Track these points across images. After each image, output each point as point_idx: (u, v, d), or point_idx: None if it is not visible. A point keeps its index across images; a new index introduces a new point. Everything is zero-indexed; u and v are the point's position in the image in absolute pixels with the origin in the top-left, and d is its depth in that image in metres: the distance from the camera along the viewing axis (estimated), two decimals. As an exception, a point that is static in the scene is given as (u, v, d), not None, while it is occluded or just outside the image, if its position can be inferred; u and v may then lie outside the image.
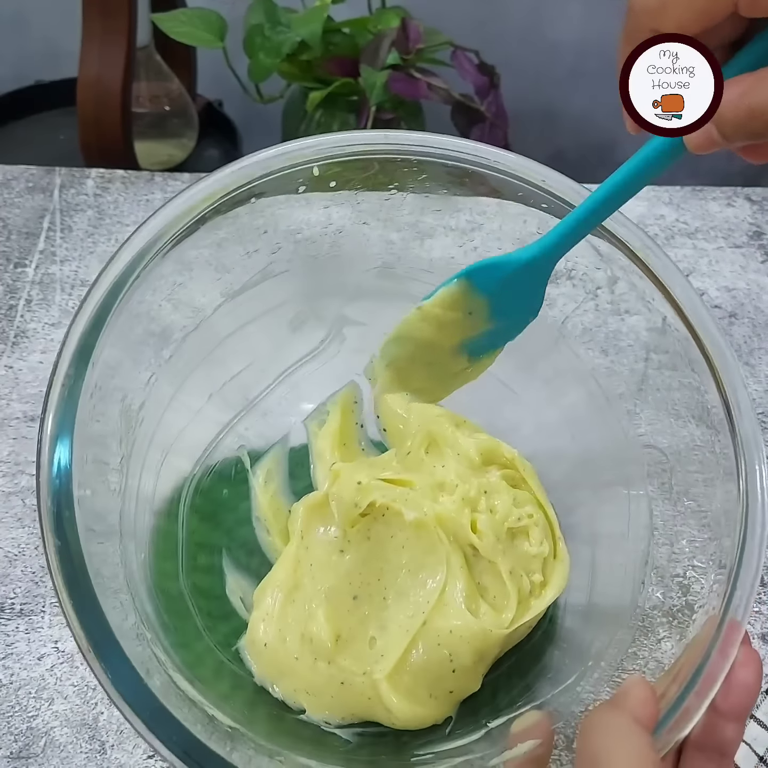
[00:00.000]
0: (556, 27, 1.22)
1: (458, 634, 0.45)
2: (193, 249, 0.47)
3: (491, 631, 0.46)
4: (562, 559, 0.50)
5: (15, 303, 0.68)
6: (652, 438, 0.50)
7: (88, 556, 0.37)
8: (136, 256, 0.44)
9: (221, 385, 0.54)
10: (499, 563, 0.47)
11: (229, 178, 0.46)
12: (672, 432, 0.49)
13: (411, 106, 0.96)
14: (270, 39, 0.90)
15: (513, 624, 0.47)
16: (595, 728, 0.35)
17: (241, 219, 0.49)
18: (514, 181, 0.49)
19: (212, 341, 0.52)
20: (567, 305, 0.54)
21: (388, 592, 0.47)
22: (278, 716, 0.47)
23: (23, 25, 1.19)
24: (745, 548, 0.39)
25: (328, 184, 0.49)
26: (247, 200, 0.47)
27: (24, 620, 0.52)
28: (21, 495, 0.58)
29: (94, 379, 0.40)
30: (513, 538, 0.49)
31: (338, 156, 0.48)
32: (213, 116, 1.10)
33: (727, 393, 0.44)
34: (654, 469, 0.49)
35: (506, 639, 0.47)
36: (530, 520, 0.49)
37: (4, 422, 0.61)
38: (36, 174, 0.77)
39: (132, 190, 0.77)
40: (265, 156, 0.47)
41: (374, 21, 0.93)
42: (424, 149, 0.49)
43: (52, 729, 0.49)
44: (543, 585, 0.49)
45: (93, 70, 0.83)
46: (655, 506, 0.48)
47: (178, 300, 0.51)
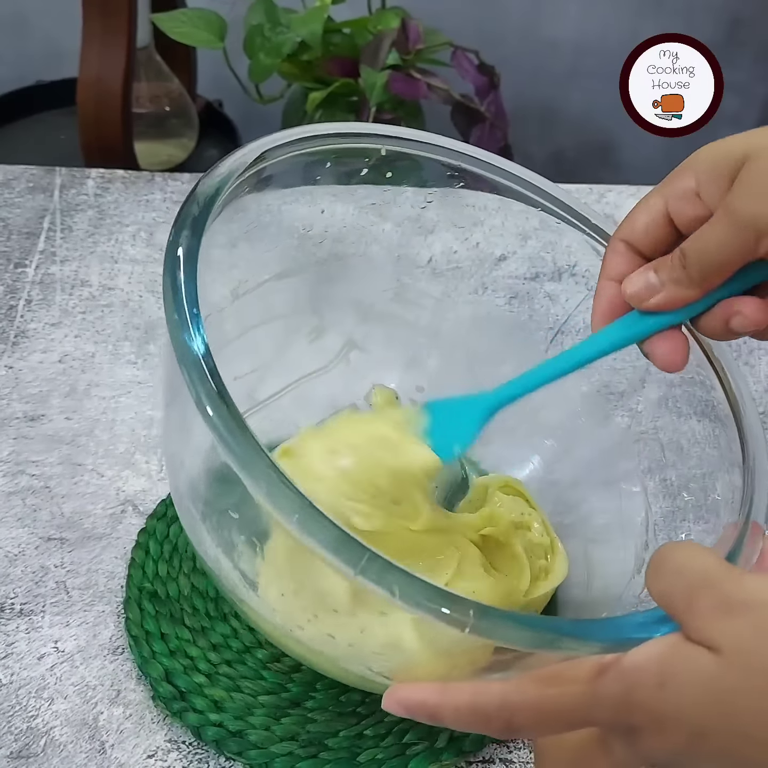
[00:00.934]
0: (555, 27, 1.22)
1: (481, 595, 0.46)
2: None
3: (511, 595, 0.48)
4: (560, 552, 0.53)
5: (15, 303, 0.68)
6: (654, 434, 0.50)
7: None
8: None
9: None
10: (515, 543, 0.50)
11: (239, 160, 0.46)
12: (674, 428, 0.49)
13: (411, 107, 0.96)
14: (270, 39, 0.90)
15: (528, 594, 0.49)
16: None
17: (250, 214, 0.49)
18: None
19: (220, 340, 0.53)
20: (569, 301, 0.54)
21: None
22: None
23: (24, 25, 1.19)
24: (747, 526, 0.40)
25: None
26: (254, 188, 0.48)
27: (24, 620, 0.53)
28: (21, 495, 0.58)
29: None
30: (517, 529, 0.52)
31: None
32: (213, 116, 1.10)
33: (732, 388, 0.45)
34: (655, 465, 0.50)
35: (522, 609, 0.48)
36: (530, 516, 0.53)
37: (4, 422, 0.61)
38: (36, 174, 0.77)
39: (132, 190, 0.77)
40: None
41: (374, 21, 0.93)
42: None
43: (53, 728, 0.49)
44: (547, 570, 0.52)
45: (93, 71, 0.83)
46: (655, 502, 0.49)
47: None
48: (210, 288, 0.51)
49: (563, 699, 0.34)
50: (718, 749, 0.32)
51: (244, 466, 0.35)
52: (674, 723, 0.32)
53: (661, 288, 0.40)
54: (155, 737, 0.49)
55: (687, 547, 0.35)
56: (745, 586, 0.32)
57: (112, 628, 0.52)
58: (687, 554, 0.34)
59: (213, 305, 0.51)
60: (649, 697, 0.33)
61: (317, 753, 0.48)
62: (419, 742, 0.49)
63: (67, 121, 0.96)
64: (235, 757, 0.48)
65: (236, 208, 0.47)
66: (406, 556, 0.47)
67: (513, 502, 0.53)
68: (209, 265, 0.49)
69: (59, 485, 0.58)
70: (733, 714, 0.31)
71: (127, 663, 0.51)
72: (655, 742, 0.33)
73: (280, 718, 0.50)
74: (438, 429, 0.47)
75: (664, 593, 0.34)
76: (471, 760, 0.49)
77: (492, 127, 0.93)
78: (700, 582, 0.33)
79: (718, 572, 0.33)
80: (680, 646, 0.33)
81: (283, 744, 0.48)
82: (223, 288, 0.52)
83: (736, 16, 1.25)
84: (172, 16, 0.88)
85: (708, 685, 0.32)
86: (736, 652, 0.31)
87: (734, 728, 0.32)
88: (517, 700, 0.35)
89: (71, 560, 0.55)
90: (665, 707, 0.32)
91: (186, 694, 0.50)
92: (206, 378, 0.37)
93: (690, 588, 0.33)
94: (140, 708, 0.50)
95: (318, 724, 0.49)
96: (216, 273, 0.51)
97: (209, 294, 0.51)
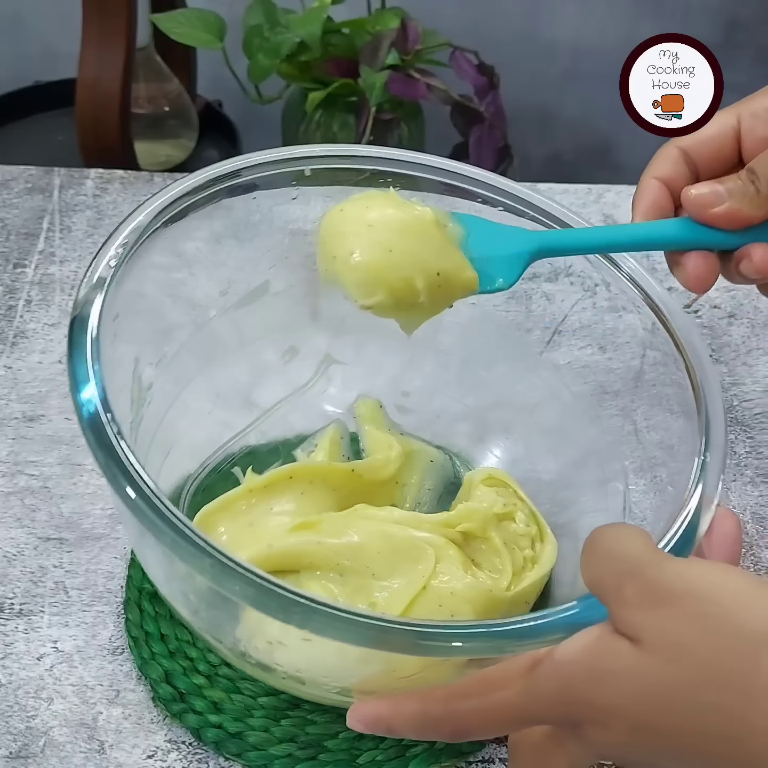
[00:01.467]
0: (554, 28, 1.22)
1: (460, 595, 0.46)
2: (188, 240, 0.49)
3: (491, 592, 0.47)
4: (550, 541, 0.52)
5: (14, 303, 0.68)
6: (647, 433, 0.50)
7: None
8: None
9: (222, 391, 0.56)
10: (493, 537, 0.49)
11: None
12: (665, 426, 0.49)
13: (410, 107, 0.96)
14: (269, 40, 0.90)
15: (513, 587, 0.48)
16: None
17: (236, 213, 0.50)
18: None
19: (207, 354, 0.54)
20: (565, 301, 0.54)
21: (377, 570, 0.48)
22: None
23: (21, 26, 1.18)
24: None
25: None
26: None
27: (23, 620, 0.52)
28: (20, 495, 0.58)
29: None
30: (501, 521, 0.51)
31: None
32: (212, 117, 1.10)
33: (698, 383, 0.46)
34: (647, 463, 0.50)
35: (506, 607, 0.47)
36: (515, 507, 0.52)
37: (3, 422, 0.61)
38: (35, 174, 0.77)
39: (131, 191, 0.77)
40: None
41: (373, 22, 0.93)
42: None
43: (51, 729, 0.49)
44: (534, 560, 0.51)
45: (92, 71, 0.83)
46: (645, 498, 0.49)
47: (178, 296, 0.51)
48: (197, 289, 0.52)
49: (501, 700, 0.34)
50: (662, 743, 0.32)
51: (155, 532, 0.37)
52: (613, 717, 0.32)
53: (728, 199, 0.39)
54: (155, 737, 0.49)
55: (618, 530, 0.34)
56: (670, 573, 0.32)
57: (112, 629, 0.52)
58: (616, 538, 0.33)
59: (198, 306, 0.52)
60: (584, 691, 0.32)
61: (316, 755, 0.48)
62: (419, 744, 0.49)
63: (66, 122, 0.96)
64: (234, 759, 0.48)
65: (218, 207, 0.49)
66: (386, 560, 0.48)
67: (496, 494, 0.52)
68: (189, 262, 0.50)
69: (58, 485, 0.58)
70: (667, 708, 0.31)
71: (126, 663, 0.51)
72: (599, 735, 0.32)
73: (280, 720, 0.49)
74: (479, 250, 0.45)
75: (594, 580, 0.34)
76: (471, 760, 0.49)
77: (491, 127, 0.93)
78: (626, 569, 0.32)
79: (643, 558, 0.32)
80: (607, 638, 0.32)
81: (282, 746, 0.48)
82: (212, 288, 0.53)
83: (734, 18, 1.25)
84: (171, 17, 0.88)
85: (636, 680, 0.31)
86: (659, 645, 0.31)
87: (671, 722, 0.31)
88: (460, 705, 0.35)
89: (70, 560, 0.55)
90: (601, 701, 0.32)
91: (185, 696, 0.50)
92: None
93: (618, 575, 0.32)
94: (139, 708, 0.50)
95: (317, 726, 0.49)
96: (202, 270, 0.52)
97: (196, 293, 0.52)
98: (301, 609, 0.36)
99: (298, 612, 0.36)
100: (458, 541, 0.49)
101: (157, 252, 0.48)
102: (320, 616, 0.36)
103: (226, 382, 0.56)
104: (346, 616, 0.36)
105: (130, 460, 0.39)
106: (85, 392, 0.41)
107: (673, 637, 0.31)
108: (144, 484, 0.38)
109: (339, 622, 0.36)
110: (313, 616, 0.36)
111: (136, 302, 0.47)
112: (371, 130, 0.90)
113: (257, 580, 0.36)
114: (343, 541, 0.48)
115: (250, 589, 0.36)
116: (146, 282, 0.48)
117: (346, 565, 0.48)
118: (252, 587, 0.36)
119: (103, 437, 0.40)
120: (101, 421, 0.40)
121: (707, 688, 0.30)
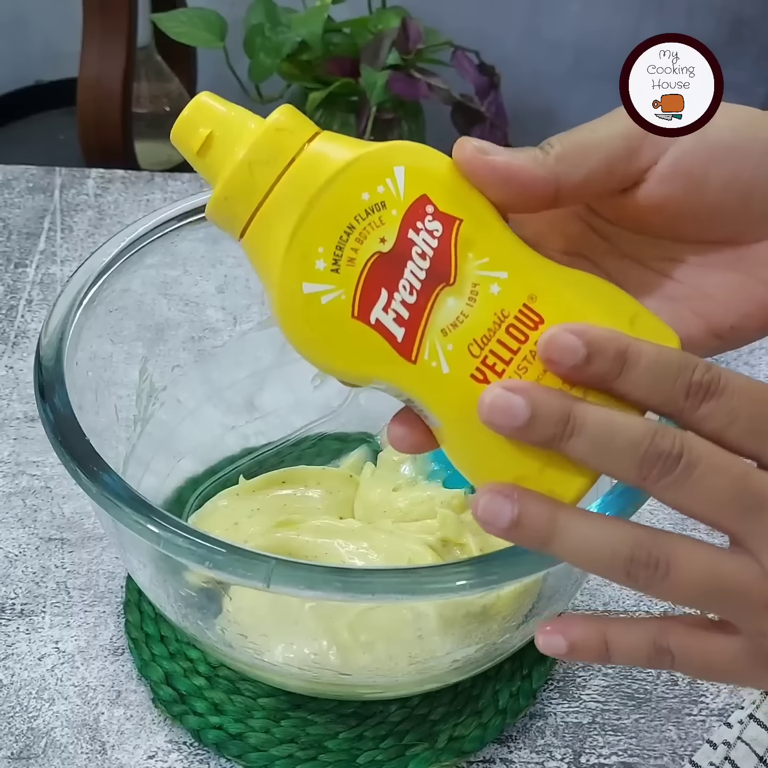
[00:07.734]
0: (556, 27, 1.22)
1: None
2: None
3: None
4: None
5: (16, 303, 0.68)
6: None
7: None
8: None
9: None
10: (466, 543, 0.49)
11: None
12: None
13: (411, 106, 0.96)
14: (270, 39, 0.90)
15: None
16: None
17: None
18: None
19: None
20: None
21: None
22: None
23: (23, 26, 1.19)
24: None
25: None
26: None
27: (25, 621, 0.53)
28: (21, 495, 0.58)
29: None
30: (477, 527, 0.50)
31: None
32: (213, 116, 1.09)
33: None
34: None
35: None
36: None
37: (4, 422, 0.61)
38: (36, 174, 0.77)
39: (132, 190, 0.77)
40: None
41: (374, 21, 0.93)
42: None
43: (53, 729, 0.49)
44: None
45: (93, 71, 0.83)
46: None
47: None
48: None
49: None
50: None
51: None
52: None
53: (510, 154, 0.34)
54: (156, 738, 0.49)
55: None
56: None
57: (113, 629, 0.52)
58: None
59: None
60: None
61: (317, 755, 0.48)
62: (419, 743, 0.49)
63: (67, 121, 0.96)
64: (235, 760, 0.48)
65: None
66: (364, 560, 0.48)
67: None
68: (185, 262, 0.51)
69: (60, 485, 0.58)
70: None
71: (127, 664, 0.51)
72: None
73: (280, 721, 0.49)
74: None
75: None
76: (471, 760, 0.49)
77: (492, 127, 0.93)
78: None
79: None
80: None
81: (282, 746, 0.48)
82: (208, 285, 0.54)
83: (738, 17, 1.25)
84: (172, 16, 0.89)
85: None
86: None
87: None
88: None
89: (72, 561, 0.55)
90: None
91: (186, 697, 0.50)
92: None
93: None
94: (141, 709, 0.50)
95: (317, 726, 0.49)
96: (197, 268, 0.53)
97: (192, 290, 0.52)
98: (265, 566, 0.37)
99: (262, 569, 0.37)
100: (436, 547, 0.49)
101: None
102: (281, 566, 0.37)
103: (262, 402, 0.57)
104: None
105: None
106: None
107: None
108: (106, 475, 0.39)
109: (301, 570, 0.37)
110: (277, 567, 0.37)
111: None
112: (372, 129, 0.90)
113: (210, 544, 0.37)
114: (321, 540, 0.49)
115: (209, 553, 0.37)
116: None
117: (324, 558, 0.48)
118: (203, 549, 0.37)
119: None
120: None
121: None
